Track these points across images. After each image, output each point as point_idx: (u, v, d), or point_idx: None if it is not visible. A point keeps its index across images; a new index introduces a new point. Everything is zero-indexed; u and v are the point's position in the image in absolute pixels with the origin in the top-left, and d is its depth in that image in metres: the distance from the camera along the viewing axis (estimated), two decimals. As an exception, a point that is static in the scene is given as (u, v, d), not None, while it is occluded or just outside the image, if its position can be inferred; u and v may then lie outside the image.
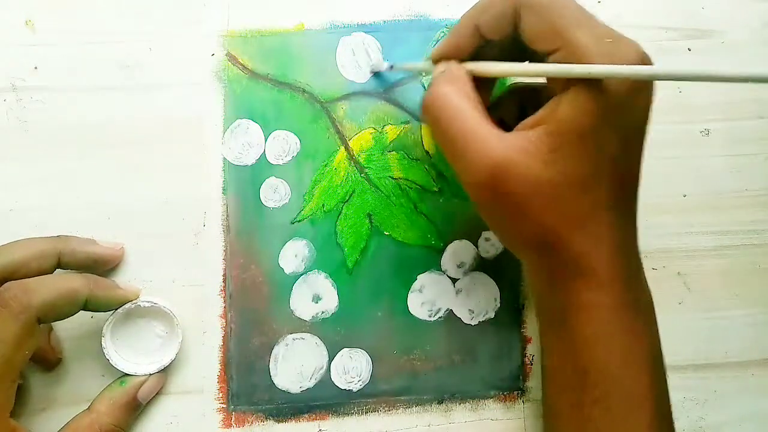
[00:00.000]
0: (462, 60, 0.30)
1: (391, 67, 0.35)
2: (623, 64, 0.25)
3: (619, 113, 0.26)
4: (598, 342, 0.28)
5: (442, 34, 0.37)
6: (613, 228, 0.28)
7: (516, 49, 0.29)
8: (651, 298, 0.30)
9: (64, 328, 0.33)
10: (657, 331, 0.29)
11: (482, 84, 0.30)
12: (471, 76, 0.30)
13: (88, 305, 0.30)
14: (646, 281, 0.30)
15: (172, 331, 0.33)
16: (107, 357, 0.32)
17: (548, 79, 0.29)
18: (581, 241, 0.28)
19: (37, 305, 0.27)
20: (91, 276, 0.30)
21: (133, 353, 0.33)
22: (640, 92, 0.27)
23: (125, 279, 0.34)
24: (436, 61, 0.31)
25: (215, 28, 0.36)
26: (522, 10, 0.28)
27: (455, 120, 0.28)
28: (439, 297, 0.35)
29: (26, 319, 0.27)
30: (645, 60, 0.26)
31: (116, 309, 0.32)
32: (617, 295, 0.28)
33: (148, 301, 0.32)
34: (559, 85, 0.27)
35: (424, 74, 0.35)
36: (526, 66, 0.28)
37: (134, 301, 0.32)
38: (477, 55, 0.30)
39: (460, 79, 0.29)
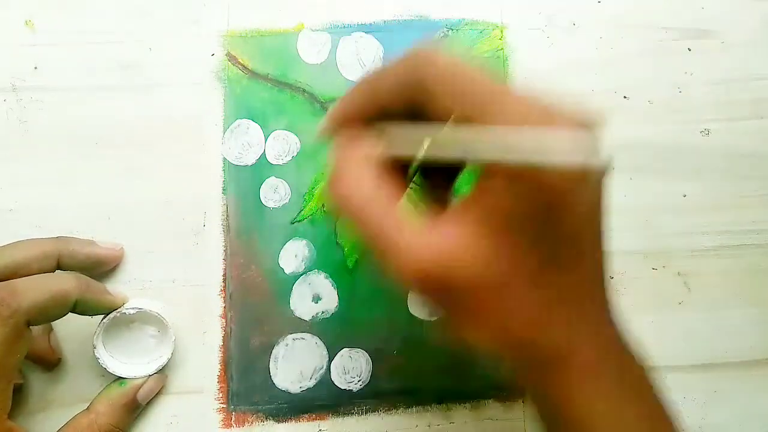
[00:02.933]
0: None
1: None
2: (552, 141, 0.20)
3: (559, 201, 0.22)
4: (594, 429, 0.24)
5: (441, 35, 0.37)
6: (582, 316, 0.24)
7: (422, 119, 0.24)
8: (645, 371, 0.26)
9: (63, 328, 0.33)
10: (652, 394, 0.26)
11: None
12: (376, 157, 0.24)
13: (77, 308, 0.29)
14: (629, 347, 0.26)
15: (164, 330, 0.33)
16: (103, 365, 0.32)
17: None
18: (542, 335, 0.24)
19: (26, 308, 0.27)
20: (82, 278, 0.30)
21: (129, 356, 0.33)
22: (579, 178, 0.21)
23: (125, 279, 0.34)
24: (332, 127, 0.26)
25: (215, 28, 0.36)
26: (426, 79, 0.23)
27: (371, 221, 0.23)
28: (439, 297, 0.35)
29: (14, 323, 0.27)
30: (580, 139, 0.20)
31: (102, 319, 0.32)
32: (603, 380, 0.24)
33: (134, 308, 0.32)
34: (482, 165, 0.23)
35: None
36: (453, 144, 0.23)
37: (119, 310, 0.32)
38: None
39: (367, 160, 0.24)
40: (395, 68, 0.25)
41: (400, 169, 0.25)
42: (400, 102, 0.24)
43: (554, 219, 0.22)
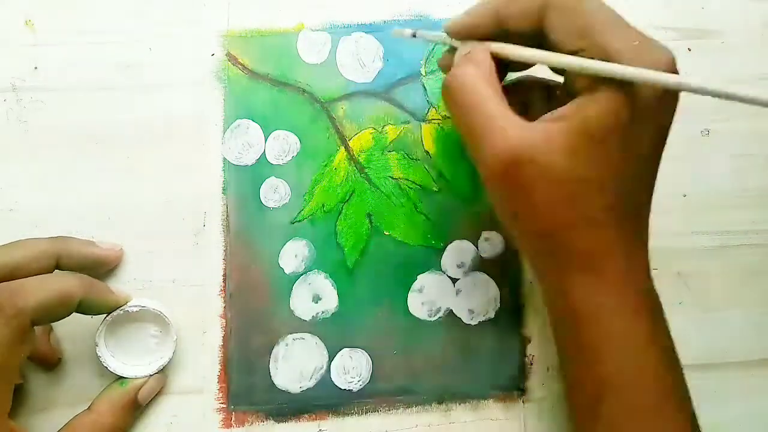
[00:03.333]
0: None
1: (414, 35, 0.32)
2: (652, 69, 0.25)
3: (646, 118, 0.26)
4: (613, 351, 0.27)
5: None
6: (627, 231, 0.28)
7: (534, 43, 0.28)
8: (659, 300, 0.29)
9: (64, 328, 0.33)
10: (669, 331, 0.29)
11: (501, 71, 0.30)
12: (493, 63, 0.29)
13: (80, 308, 0.29)
14: (653, 284, 0.29)
15: (166, 330, 0.33)
16: (104, 364, 0.32)
17: (571, 76, 0.28)
18: (593, 240, 0.27)
19: (30, 308, 0.27)
20: (85, 277, 0.30)
21: (130, 356, 0.33)
22: (667, 99, 0.26)
23: (125, 279, 0.34)
24: (452, 34, 0.30)
25: (215, 28, 0.36)
26: (549, 9, 0.27)
27: (476, 104, 0.27)
28: (439, 297, 0.35)
29: (19, 323, 0.27)
30: (674, 66, 0.26)
31: (105, 317, 0.32)
32: (630, 301, 0.28)
33: (137, 305, 0.32)
34: (582, 84, 0.27)
35: (444, 45, 0.32)
36: (558, 56, 0.27)
37: (122, 307, 0.32)
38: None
39: (484, 63, 0.28)
40: None
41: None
42: (521, 27, 0.28)
43: (635, 136, 0.26)
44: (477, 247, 0.35)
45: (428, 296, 0.35)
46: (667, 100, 0.27)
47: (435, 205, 0.36)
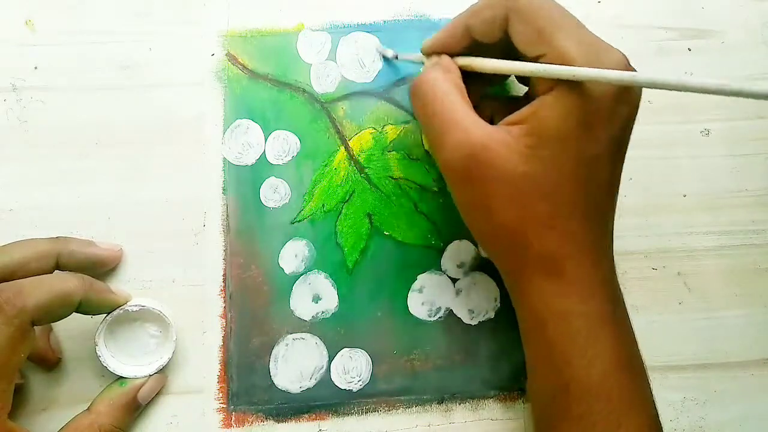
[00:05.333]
0: (452, 56, 0.31)
1: (396, 57, 0.35)
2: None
3: (601, 119, 0.27)
4: (576, 356, 0.28)
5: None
6: (586, 233, 0.28)
7: (509, 54, 0.29)
8: (625, 305, 0.30)
9: (63, 328, 0.33)
10: (634, 337, 0.29)
11: (473, 84, 0.31)
12: (459, 71, 0.30)
13: (81, 308, 0.29)
14: (619, 288, 0.30)
15: (166, 330, 0.33)
16: (104, 364, 0.32)
17: (533, 81, 0.29)
18: (551, 242, 0.28)
19: (31, 308, 0.27)
20: (86, 277, 0.30)
21: (130, 356, 0.33)
22: (622, 100, 0.27)
23: (125, 279, 0.34)
24: (427, 53, 0.32)
25: (215, 28, 0.36)
26: (511, 16, 0.28)
27: (441, 103, 0.29)
28: (439, 297, 0.35)
29: (20, 322, 0.27)
30: (627, 68, 0.27)
31: (105, 317, 0.32)
32: (594, 305, 0.28)
33: (137, 305, 0.32)
34: (544, 88, 0.27)
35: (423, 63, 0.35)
36: (513, 64, 0.28)
37: (122, 307, 0.32)
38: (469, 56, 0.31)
39: (451, 69, 0.30)
40: (486, 6, 0.29)
41: (474, 90, 0.30)
42: (488, 37, 0.29)
43: (592, 137, 0.27)
44: (477, 247, 0.35)
45: (428, 296, 0.35)
46: (623, 99, 0.27)
47: (435, 205, 0.36)
